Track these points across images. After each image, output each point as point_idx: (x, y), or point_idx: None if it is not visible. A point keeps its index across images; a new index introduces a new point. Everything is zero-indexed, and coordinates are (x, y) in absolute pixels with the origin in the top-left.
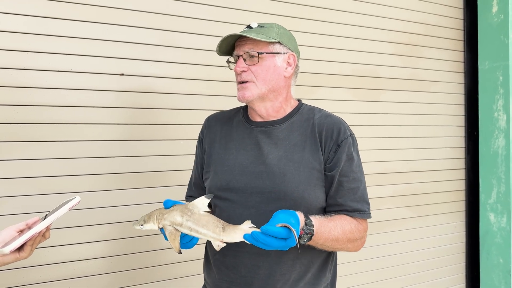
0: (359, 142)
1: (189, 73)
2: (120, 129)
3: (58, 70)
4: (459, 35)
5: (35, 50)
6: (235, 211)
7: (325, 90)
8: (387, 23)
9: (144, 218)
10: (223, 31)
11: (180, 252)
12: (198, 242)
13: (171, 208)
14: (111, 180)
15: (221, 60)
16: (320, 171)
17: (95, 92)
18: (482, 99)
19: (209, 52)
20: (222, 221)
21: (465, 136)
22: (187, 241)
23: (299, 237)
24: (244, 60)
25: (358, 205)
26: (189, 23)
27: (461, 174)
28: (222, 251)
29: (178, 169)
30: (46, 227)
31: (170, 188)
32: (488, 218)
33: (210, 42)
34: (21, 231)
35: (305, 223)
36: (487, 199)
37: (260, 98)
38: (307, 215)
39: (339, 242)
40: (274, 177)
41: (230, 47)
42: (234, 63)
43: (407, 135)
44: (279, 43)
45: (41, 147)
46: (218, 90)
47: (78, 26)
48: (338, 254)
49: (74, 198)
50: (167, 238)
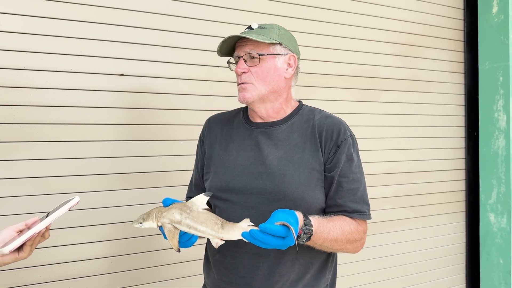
0: (359, 143)
1: (188, 73)
2: (120, 129)
3: (57, 70)
4: (459, 35)
5: (34, 50)
6: (235, 212)
7: (324, 91)
8: (386, 23)
9: (143, 216)
10: (223, 31)
11: (179, 251)
12: (198, 242)
13: (170, 206)
14: (111, 180)
15: (220, 61)
16: (320, 172)
17: (95, 92)
18: (482, 100)
19: (208, 53)
20: (221, 218)
21: (465, 137)
22: (186, 239)
23: (297, 236)
24: (245, 61)
25: (358, 206)
26: (188, 23)
27: (461, 175)
28: (221, 252)
29: (178, 169)
30: (46, 227)
31: (170, 189)
32: (488, 218)
33: (209, 43)
34: (20, 232)
35: (304, 223)
36: (487, 199)
37: (261, 99)
38: (306, 215)
39: (338, 243)
40: (274, 178)
41: (231, 48)
42: (234, 63)
43: (407, 135)
44: (280, 44)
45: (41, 147)
46: (217, 90)
47: (78, 26)
48: (338, 254)
49: (73, 198)
50: (166, 237)
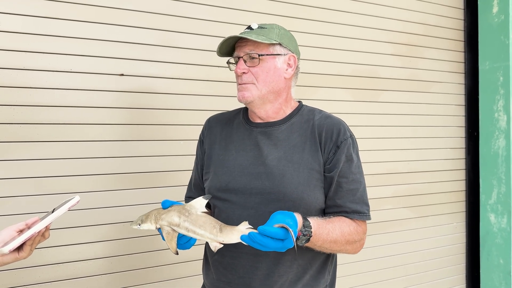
0: (359, 143)
1: (188, 73)
2: (120, 129)
3: (58, 70)
4: (460, 35)
5: (34, 50)
6: (234, 212)
7: (324, 91)
8: (387, 23)
9: (142, 218)
10: (223, 31)
11: (177, 253)
12: (197, 242)
13: (169, 208)
14: (111, 180)
15: (220, 61)
16: (320, 172)
17: (95, 92)
18: (483, 100)
19: (208, 53)
20: (219, 222)
21: (465, 137)
22: (185, 242)
23: (296, 238)
24: (245, 61)
25: (357, 206)
26: (189, 23)
27: (461, 175)
28: (220, 252)
29: (178, 169)
30: (46, 227)
31: (170, 189)
32: (488, 218)
33: (210, 42)
34: (20, 231)
35: (303, 225)
36: (487, 199)
37: (260, 99)
38: (305, 216)
39: (338, 244)
40: (273, 178)
41: (231, 48)
42: (234, 64)
43: (407, 135)
44: (280, 44)
45: (41, 147)
46: (218, 90)
47: (78, 26)
48: (338, 255)
49: (73, 198)
50: (164, 239)
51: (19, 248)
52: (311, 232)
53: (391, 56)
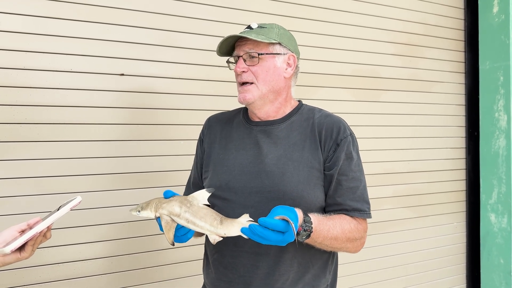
0: (359, 143)
1: (189, 73)
2: (120, 129)
3: (58, 70)
4: (460, 35)
5: (35, 50)
6: (234, 211)
7: (325, 90)
8: (387, 23)
9: (142, 205)
10: (223, 31)
11: (173, 244)
12: (197, 241)
13: (171, 198)
14: (111, 180)
15: (221, 60)
16: (320, 170)
17: (95, 92)
18: (483, 100)
19: (209, 52)
20: (220, 214)
21: (465, 137)
22: (182, 234)
23: (297, 233)
24: (244, 60)
25: (358, 204)
26: (189, 23)
27: (461, 175)
28: (220, 251)
29: (178, 169)
30: (47, 227)
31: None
32: (488, 218)
33: (210, 42)
34: (22, 231)
35: (303, 220)
36: (487, 199)
37: (261, 100)
38: (306, 212)
39: (338, 241)
40: (273, 176)
41: (230, 47)
42: (234, 63)
43: (408, 135)
44: (279, 44)
45: (41, 147)
46: (218, 90)
47: (78, 26)
48: (339, 254)
49: (75, 198)
50: (162, 228)
51: (21, 248)
52: (312, 227)
53: (392, 56)
